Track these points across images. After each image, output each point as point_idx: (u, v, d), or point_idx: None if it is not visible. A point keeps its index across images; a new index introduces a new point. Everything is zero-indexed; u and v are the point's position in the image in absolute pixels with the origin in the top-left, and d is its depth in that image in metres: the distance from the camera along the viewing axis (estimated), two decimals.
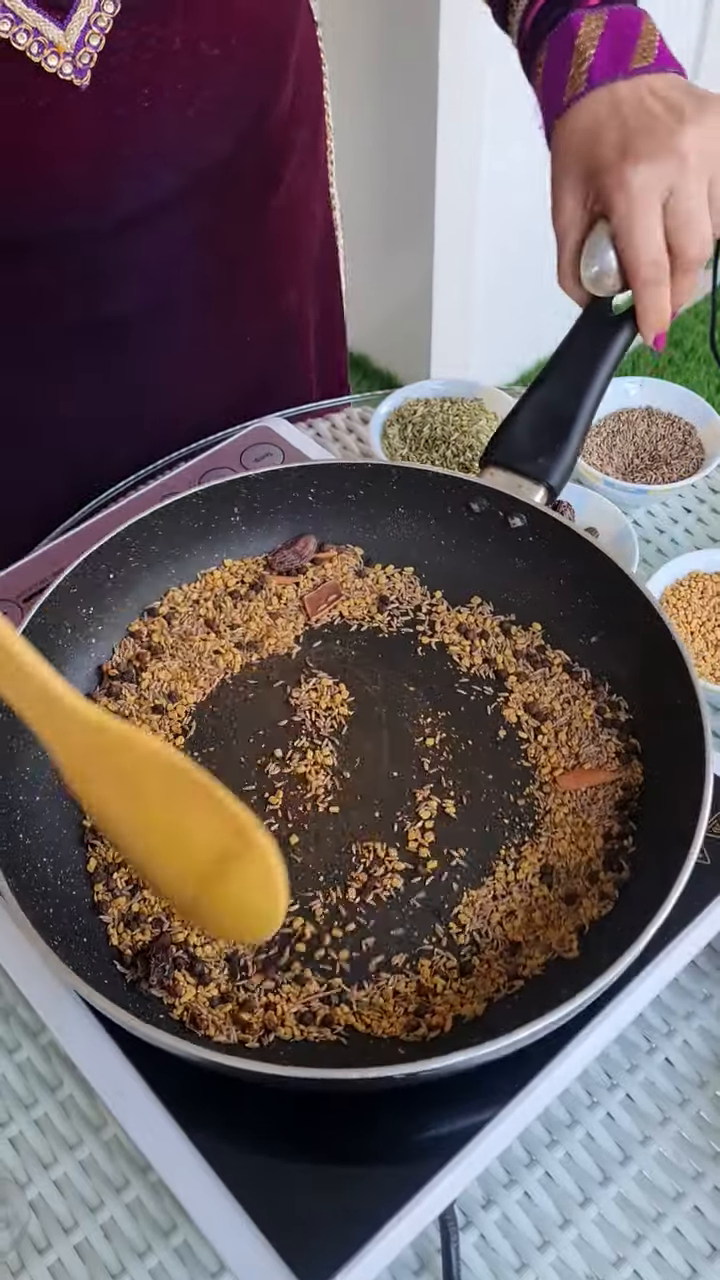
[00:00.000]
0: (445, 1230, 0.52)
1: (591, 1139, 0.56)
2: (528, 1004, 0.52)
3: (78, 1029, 0.54)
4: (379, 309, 1.94)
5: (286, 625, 0.67)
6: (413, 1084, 0.48)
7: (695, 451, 0.83)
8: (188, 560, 0.69)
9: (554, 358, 0.67)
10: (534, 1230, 0.53)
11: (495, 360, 2.07)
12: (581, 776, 0.60)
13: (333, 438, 0.89)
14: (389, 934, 0.56)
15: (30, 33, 0.61)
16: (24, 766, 0.59)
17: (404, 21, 1.60)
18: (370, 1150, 0.51)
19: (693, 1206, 0.54)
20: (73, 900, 0.56)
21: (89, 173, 0.67)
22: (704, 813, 0.52)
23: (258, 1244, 0.48)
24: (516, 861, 0.58)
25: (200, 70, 0.67)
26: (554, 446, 0.64)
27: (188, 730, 0.63)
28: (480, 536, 0.68)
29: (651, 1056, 0.58)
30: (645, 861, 0.56)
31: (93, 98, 0.64)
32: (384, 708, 0.64)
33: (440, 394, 0.86)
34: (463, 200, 1.78)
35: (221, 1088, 0.50)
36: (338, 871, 0.58)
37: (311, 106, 0.83)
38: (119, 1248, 0.53)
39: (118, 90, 0.65)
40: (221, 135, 0.72)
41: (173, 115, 0.67)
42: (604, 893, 0.56)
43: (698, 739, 0.54)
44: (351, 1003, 0.54)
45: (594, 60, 0.62)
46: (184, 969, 0.54)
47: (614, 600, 0.62)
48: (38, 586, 0.73)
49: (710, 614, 0.72)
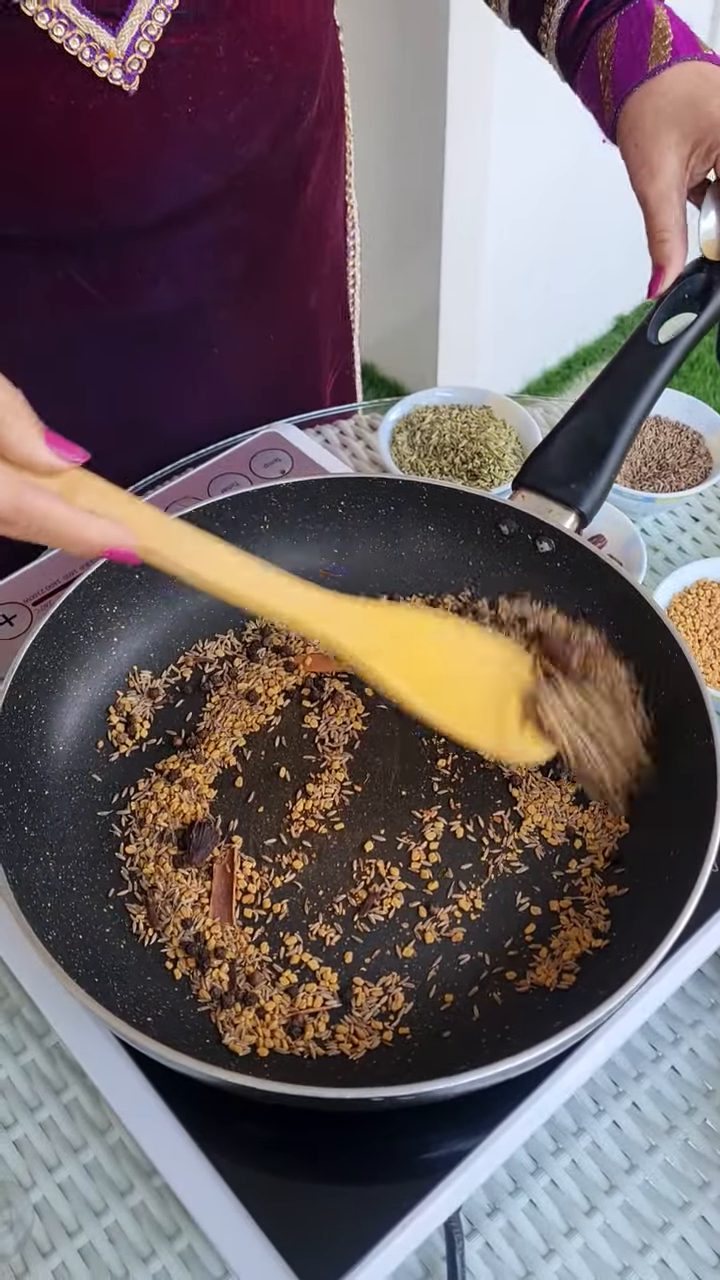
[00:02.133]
0: (450, 1238, 0.52)
1: (598, 1147, 0.56)
2: (520, 1033, 0.52)
3: (83, 1031, 0.54)
4: (387, 319, 1.94)
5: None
6: (398, 1107, 0.47)
7: (703, 460, 0.83)
8: None
9: (595, 383, 0.67)
10: (539, 1239, 0.53)
11: (502, 370, 2.08)
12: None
13: (341, 444, 0.90)
14: (384, 954, 0.55)
15: (83, 38, 0.63)
16: (35, 760, 0.59)
17: (413, 34, 1.61)
18: (375, 1157, 0.51)
19: (699, 1216, 0.54)
20: (72, 895, 0.56)
21: (131, 175, 0.69)
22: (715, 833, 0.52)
23: (262, 1249, 0.48)
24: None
25: (241, 77, 0.69)
26: (587, 474, 0.64)
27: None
28: (508, 559, 0.67)
29: (658, 1065, 0.58)
30: (652, 884, 0.56)
31: (139, 102, 0.66)
32: (397, 725, 0.64)
33: (449, 401, 0.86)
34: (471, 212, 1.79)
35: (228, 1093, 0.50)
36: (340, 888, 0.58)
37: (335, 106, 0.85)
38: (123, 1252, 0.53)
39: (164, 96, 0.67)
40: (258, 139, 0.74)
41: (214, 120, 0.69)
42: (598, 929, 0.56)
43: (710, 786, 0.54)
44: (342, 1019, 0.53)
45: (674, 37, 0.67)
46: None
47: (638, 632, 0.61)
48: (49, 589, 0.74)
49: (718, 622, 0.72)
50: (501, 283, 1.93)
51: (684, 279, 0.69)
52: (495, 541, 0.68)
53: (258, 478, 0.80)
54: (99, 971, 0.53)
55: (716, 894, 0.56)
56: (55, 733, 0.62)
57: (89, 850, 0.59)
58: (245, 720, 0.64)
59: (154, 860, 0.58)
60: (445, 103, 1.63)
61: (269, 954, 0.55)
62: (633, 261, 2.20)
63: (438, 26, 1.56)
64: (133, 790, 0.61)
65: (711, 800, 0.53)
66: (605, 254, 2.08)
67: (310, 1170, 0.50)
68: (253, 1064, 0.52)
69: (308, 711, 0.64)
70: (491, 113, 1.69)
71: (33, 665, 0.60)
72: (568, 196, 1.93)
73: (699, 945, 0.55)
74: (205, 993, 0.54)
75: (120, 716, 0.64)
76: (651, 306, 0.68)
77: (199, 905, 0.57)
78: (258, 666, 0.66)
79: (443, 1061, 0.51)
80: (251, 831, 0.60)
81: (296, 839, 0.59)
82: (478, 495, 0.67)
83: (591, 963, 0.54)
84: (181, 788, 0.61)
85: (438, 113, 1.65)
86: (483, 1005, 0.54)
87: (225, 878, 0.58)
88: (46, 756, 0.60)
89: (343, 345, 1.00)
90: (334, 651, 0.54)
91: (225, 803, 0.61)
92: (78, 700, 0.63)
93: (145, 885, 0.58)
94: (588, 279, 2.10)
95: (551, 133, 1.81)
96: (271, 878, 0.58)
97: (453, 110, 1.64)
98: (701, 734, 0.56)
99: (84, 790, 0.61)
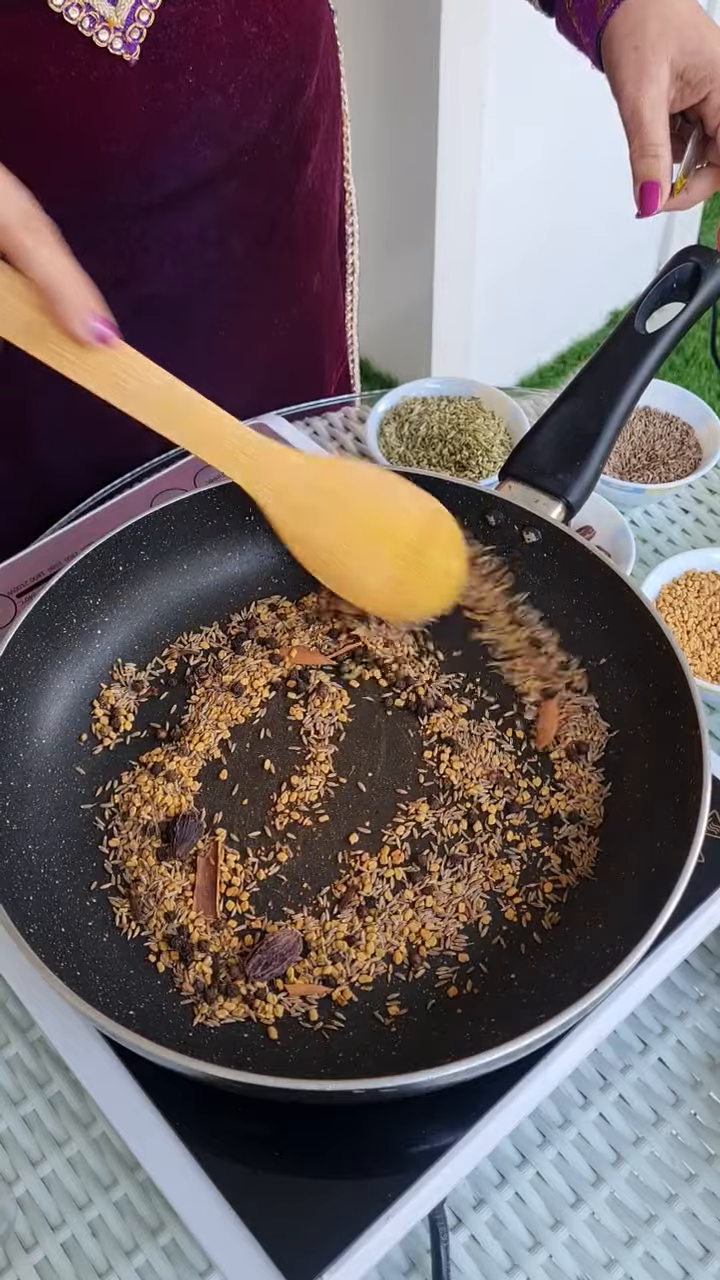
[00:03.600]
0: (435, 1230, 0.52)
1: (584, 1140, 0.55)
2: (504, 1024, 0.51)
3: (66, 1025, 0.53)
4: (380, 313, 1.94)
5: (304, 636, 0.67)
6: (381, 1099, 0.47)
7: (693, 451, 0.82)
8: (200, 557, 0.68)
9: (582, 373, 0.66)
10: (525, 1231, 0.53)
11: (496, 365, 2.08)
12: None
13: (330, 436, 0.89)
14: (366, 946, 0.55)
15: (82, 7, 0.63)
16: (18, 752, 0.58)
17: (406, 25, 1.60)
18: (359, 1150, 0.51)
19: (686, 1209, 0.53)
20: (54, 889, 0.56)
21: (133, 148, 0.69)
22: (703, 813, 0.52)
23: (245, 1242, 0.48)
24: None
25: (240, 48, 0.69)
26: (575, 464, 0.64)
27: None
28: (496, 550, 0.67)
29: (645, 1056, 0.57)
30: (638, 875, 0.55)
31: (140, 73, 0.66)
32: (383, 717, 0.63)
33: (437, 393, 0.86)
34: (464, 206, 1.79)
35: (211, 1086, 0.50)
36: (324, 879, 0.57)
37: (332, 88, 0.85)
38: (107, 1246, 0.53)
39: (165, 66, 0.67)
40: (258, 113, 0.74)
41: (214, 91, 0.70)
42: (583, 921, 0.55)
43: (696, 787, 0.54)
44: (326, 1014, 0.53)
45: None
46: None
47: (626, 623, 0.61)
48: (32, 582, 0.73)
49: (706, 613, 0.72)
50: (495, 278, 1.93)
51: (672, 268, 0.69)
52: (482, 533, 0.67)
53: None
54: (81, 965, 0.53)
55: (702, 885, 0.56)
56: (38, 725, 0.61)
57: (72, 843, 0.59)
58: (230, 713, 0.63)
59: (137, 853, 0.58)
60: (438, 97, 1.62)
61: (252, 947, 0.55)
62: (628, 256, 2.20)
63: (430, 22, 1.56)
64: (116, 783, 0.61)
65: (698, 792, 0.53)
66: (599, 249, 2.08)
67: (293, 1163, 0.50)
68: (235, 1057, 0.51)
69: (293, 703, 0.64)
70: (484, 108, 1.69)
71: (15, 657, 0.60)
72: (561, 192, 1.93)
73: (685, 936, 0.55)
74: (189, 986, 0.54)
75: (104, 709, 0.64)
76: (640, 296, 0.68)
77: (183, 898, 0.56)
78: (243, 659, 0.65)
79: (426, 1053, 0.51)
80: (235, 824, 0.59)
81: (280, 831, 0.59)
82: (464, 485, 0.66)
83: (577, 955, 0.54)
84: (165, 780, 0.60)
85: (430, 107, 1.64)
86: (467, 997, 0.54)
87: (209, 870, 0.57)
88: (29, 749, 0.60)
89: (342, 331, 1.00)
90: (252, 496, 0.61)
91: (209, 795, 0.60)
92: (61, 693, 0.63)
93: (128, 878, 0.57)
94: (582, 274, 2.10)
95: (545, 128, 1.81)
96: (256, 870, 0.58)
97: (445, 105, 1.63)
98: (688, 725, 0.56)
99: (67, 783, 0.61)
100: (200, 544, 0.68)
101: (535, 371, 2.19)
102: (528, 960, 0.54)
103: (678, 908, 0.49)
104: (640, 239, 2.18)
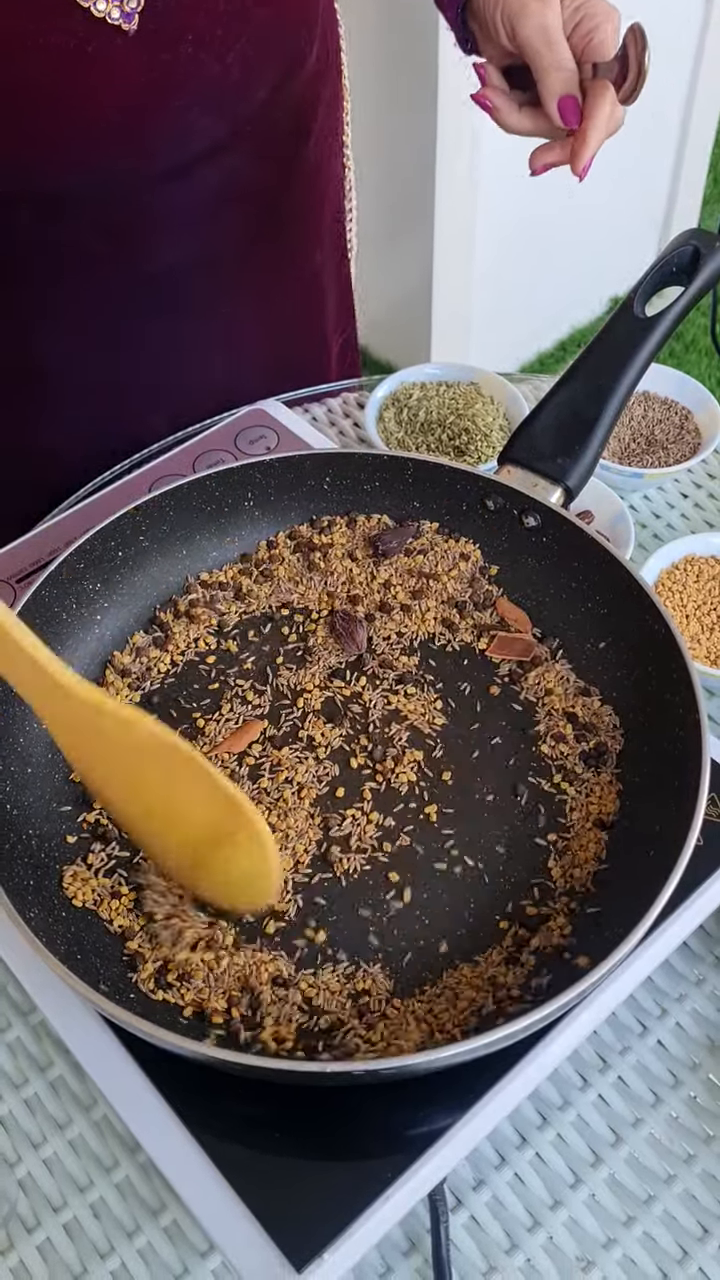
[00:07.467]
0: (435, 1211, 0.52)
1: (583, 1121, 0.56)
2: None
3: (67, 1008, 0.54)
4: (380, 301, 1.93)
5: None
6: (381, 1080, 0.47)
7: (692, 436, 0.82)
8: (199, 542, 0.68)
9: (581, 357, 0.66)
10: (524, 1212, 0.53)
11: (495, 352, 2.07)
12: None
13: (329, 421, 0.89)
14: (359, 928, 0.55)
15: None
16: (18, 738, 0.59)
17: (405, 11, 1.59)
18: (358, 1131, 0.51)
19: (684, 1190, 0.54)
20: (56, 874, 0.56)
21: (133, 119, 0.69)
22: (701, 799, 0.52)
23: (246, 1223, 0.48)
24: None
25: (238, 16, 0.69)
26: (573, 448, 0.64)
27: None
28: (494, 534, 0.67)
29: (644, 1039, 0.58)
30: (636, 858, 0.55)
31: (138, 43, 0.66)
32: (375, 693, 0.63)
33: (436, 378, 0.86)
34: (463, 193, 1.78)
35: (211, 1069, 0.50)
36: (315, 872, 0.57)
37: (332, 62, 0.84)
38: (108, 1227, 0.53)
39: (162, 35, 0.67)
40: (258, 84, 0.73)
41: (213, 60, 0.69)
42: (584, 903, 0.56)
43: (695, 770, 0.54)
44: (319, 991, 0.53)
45: None
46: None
47: (625, 607, 0.61)
48: (30, 568, 0.73)
49: (705, 598, 0.72)
50: (494, 265, 1.92)
51: (672, 252, 0.68)
52: (481, 517, 0.67)
53: (243, 454, 0.80)
54: (82, 949, 0.53)
55: (700, 868, 0.56)
56: None
57: (72, 828, 0.59)
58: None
59: None
60: (437, 82, 1.62)
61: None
62: (628, 242, 2.19)
63: (429, 3, 1.55)
64: None
65: (696, 776, 0.53)
66: (599, 235, 2.07)
67: (293, 1144, 0.50)
68: (234, 1039, 0.52)
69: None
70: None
71: None
72: (561, 177, 1.92)
73: (683, 919, 0.55)
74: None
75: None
76: (639, 280, 0.68)
77: None
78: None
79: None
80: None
81: (270, 806, 0.59)
82: (463, 470, 0.66)
83: (576, 936, 0.54)
84: None
85: (429, 94, 1.63)
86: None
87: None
88: (29, 735, 0.60)
89: (345, 311, 0.99)
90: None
91: None
92: None
93: (129, 863, 0.57)
94: (581, 261, 2.09)
95: None
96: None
97: (444, 91, 1.63)
98: (688, 709, 0.56)
99: (68, 768, 0.61)
100: (199, 528, 0.68)
101: (535, 359, 2.19)
102: (532, 937, 0.55)
103: (676, 890, 0.49)
104: (640, 225, 2.17)
